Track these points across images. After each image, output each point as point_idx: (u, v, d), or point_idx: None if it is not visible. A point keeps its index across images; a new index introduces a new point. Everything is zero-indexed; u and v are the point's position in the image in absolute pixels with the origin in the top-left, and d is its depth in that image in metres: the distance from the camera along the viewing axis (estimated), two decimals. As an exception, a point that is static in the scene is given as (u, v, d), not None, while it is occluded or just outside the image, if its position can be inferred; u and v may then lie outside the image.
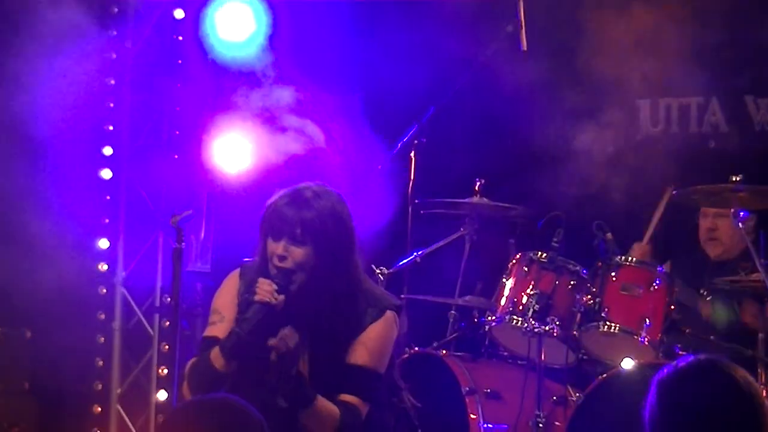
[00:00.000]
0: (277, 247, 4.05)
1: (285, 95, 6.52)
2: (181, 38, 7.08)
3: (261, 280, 4.04)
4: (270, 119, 6.81)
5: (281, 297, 4.00)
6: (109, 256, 7.16)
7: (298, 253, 4.02)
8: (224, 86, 6.93)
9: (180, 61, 7.08)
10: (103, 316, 7.14)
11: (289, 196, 4.10)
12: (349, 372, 4.13)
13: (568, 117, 7.69)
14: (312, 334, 4.09)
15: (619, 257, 6.01)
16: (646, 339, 5.82)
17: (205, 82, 7.04)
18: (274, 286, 4.01)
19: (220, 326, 4.14)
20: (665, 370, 3.04)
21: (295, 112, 6.53)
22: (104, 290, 7.13)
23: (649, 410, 3.00)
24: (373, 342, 4.15)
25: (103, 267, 7.13)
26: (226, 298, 4.27)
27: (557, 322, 5.93)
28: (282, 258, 4.04)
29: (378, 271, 6.08)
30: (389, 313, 4.21)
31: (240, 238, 6.95)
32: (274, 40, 6.80)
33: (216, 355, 4.04)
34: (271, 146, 7.02)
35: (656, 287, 5.94)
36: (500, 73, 7.27)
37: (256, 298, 4.00)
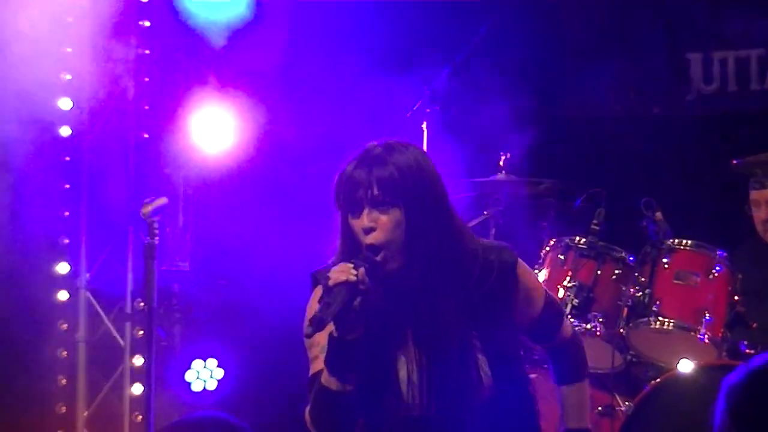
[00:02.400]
0: (361, 221, 3.91)
1: (275, 60, 6.50)
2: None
3: (335, 267, 3.88)
4: (256, 89, 6.77)
5: (361, 271, 3.81)
6: (70, 255, 7.13)
7: (386, 219, 3.87)
8: (202, 52, 6.90)
9: (148, 24, 7.04)
10: (65, 327, 7.11)
11: (357, 159, 3.94)
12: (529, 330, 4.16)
13: (607, 75, 7.66)
14: (430, 315, 3.95)
15: (671, 240, 5.97)
16: (706, 336, 5.77)
17: (179, 48, 7.00)
18: (350, 264, 3.82)
19: (323, 357, 3.95)
20: (735, 373, 3.01)
21: (287, 79, 6.50)
22: (65, 296, 7.10)
23: (719, 420, 2.97)
24: (526, 284, 4.13)
25: (64, 268, 7.10)
26: None
27: (600, 319, 5.91)
28: (369, 230, 3.89)
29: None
30: (517, 259, 4.16)
31: (223, 230, 6.95)
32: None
33: (326, 377, 3.90)
34: (258, 121, 7.01)
35: (716, 274, 5.90)
36: (525, 27, 7.24)
37: (330, 282, 3.81)
